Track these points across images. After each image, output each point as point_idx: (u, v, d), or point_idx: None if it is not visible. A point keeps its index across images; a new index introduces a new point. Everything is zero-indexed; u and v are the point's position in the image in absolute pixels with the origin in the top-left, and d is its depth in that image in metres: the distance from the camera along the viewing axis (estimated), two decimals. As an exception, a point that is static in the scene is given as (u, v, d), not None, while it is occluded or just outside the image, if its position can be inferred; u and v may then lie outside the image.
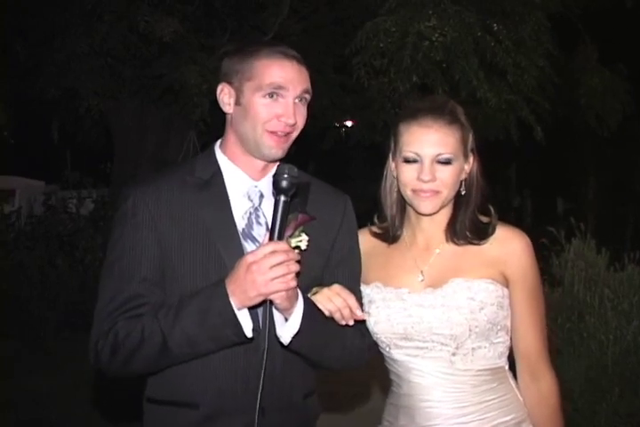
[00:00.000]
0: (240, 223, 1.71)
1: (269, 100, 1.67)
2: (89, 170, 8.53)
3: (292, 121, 1.68)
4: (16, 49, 6.92)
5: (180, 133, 7.62)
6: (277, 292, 1.52)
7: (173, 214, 1.67)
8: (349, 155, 13.21)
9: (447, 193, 1.81)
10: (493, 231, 1.81)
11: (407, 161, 1.80)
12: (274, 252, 1.49)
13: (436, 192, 1.79)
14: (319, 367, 1.80)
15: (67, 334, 6.39)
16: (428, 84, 5.43)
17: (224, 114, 1.78)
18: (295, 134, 1.73)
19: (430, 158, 1.77)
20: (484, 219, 1.84)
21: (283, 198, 1.54)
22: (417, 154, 1.78)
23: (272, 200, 1.72)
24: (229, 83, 1.72)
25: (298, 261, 1.53)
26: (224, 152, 1.77)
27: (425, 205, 1.80)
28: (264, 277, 1.49)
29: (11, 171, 11.13)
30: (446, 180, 1.79)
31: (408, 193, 1.82)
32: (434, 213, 1.84)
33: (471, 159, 1.85)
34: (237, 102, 1.71)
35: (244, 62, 1.69)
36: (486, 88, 5.33)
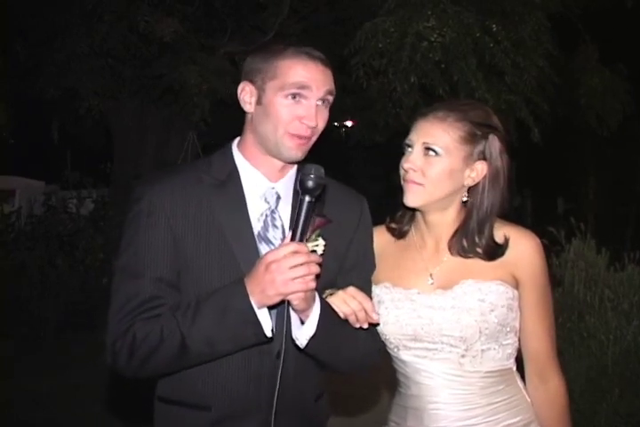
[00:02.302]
0: (256, 226, 1.68)
1: (292, 102, 1.64)
2: (89, 170, 8.52)
3: (313, 123, 1.65)
4: (16, 49, 6.93)
5: (181, 134, 7.63)
6: (296, 292, 1.50)
7: (189, 214, 1.65)
8: (349, 155, 13.19)
9: (431, 189, 1.77)
10: (503, 253, 1.77)
11: (404, 149, 1.81)
12: (295, 252, 1.48)
13: (418, 184, 1.76)
14: (330, 370, 1.78)
15: (67, 334, 6.40)
16: (426, 84, 5.43)
17: (240, 113, 1.75)
18: (315, 137, 1.70)
19: (418, 146, 1.77)
20: (499, 237, 1.79)
21: (307, 198, 1.51)
22: (410, 140, 1.79)
23: (289, 202, 1.72)
24: (251, 82, 1.69)
25: (319, 264, 1.51)
26: (242, 152, 1.74)
27: (407, 196, 1.79)
28: (283, 276, 1.47)
29: (11, 171, 11.11)
30: (429, 173, 1.75)
31: (402, 184, 1.82)
32: (418, 207, 1.81)
33: (479, 166, 1.80)
34: (259, 102, 1.68)
35: (268, 61, 1.66)
36: (485, 88, 5.33)
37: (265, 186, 1.72)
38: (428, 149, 1.76)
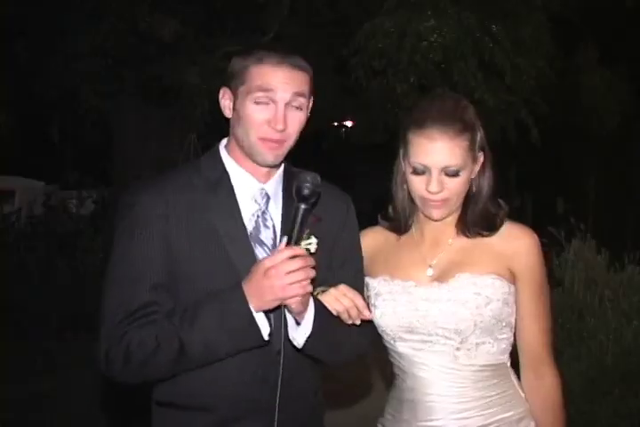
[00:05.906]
0: (248, 227, 1.70)
1: (260, 106, 1.64)
2: (89, 170, 8.53)
3: (280, 126, 1.64)
4: (17, 49, 6.93)
5: (181, 134, 7.62)
6: (294, 297, 1.52)
7: (182, 218, 1.65)
8: (349, 155, 13.20)
9: (457, 199, 1.81)
10: (502, 223, 1.82)
11: (416, 172, 1.79)
12: (292, 257, 1.50)
13: (446, 200, 1.79)
14: (325, 363, 1.80)
15: (66, 334, 6.39)
16: (426, 84, 5.43)
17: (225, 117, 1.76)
18: (289, 142, 1.69)
19: (437, 170, 1.76)
20: (493, 210, 1.84)
21: (303, 206, 1.53)
22: (425, 166, 1.77)
23: (279, 202, 1.74)
24: (229, 87, 1.70)
25: (313, 267, 1.53)
26: (230, 154, 1.75)
27: (435, 213, 1.81)
28: (281, 281, 1.49)
29: (11, 171, 11.12)
30: (455, 189, 1.78)
31: (418, 200, 1.83)
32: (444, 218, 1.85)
33: (481, 158, 1.83)
34: (234, 107, 1.69)
35: (240, 66, 1.67)
36: (484, 89, 5.33)
37: (255, 187, 1.73)
38: (448, 172, 1.76)
